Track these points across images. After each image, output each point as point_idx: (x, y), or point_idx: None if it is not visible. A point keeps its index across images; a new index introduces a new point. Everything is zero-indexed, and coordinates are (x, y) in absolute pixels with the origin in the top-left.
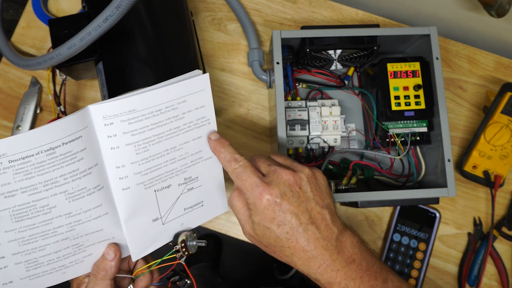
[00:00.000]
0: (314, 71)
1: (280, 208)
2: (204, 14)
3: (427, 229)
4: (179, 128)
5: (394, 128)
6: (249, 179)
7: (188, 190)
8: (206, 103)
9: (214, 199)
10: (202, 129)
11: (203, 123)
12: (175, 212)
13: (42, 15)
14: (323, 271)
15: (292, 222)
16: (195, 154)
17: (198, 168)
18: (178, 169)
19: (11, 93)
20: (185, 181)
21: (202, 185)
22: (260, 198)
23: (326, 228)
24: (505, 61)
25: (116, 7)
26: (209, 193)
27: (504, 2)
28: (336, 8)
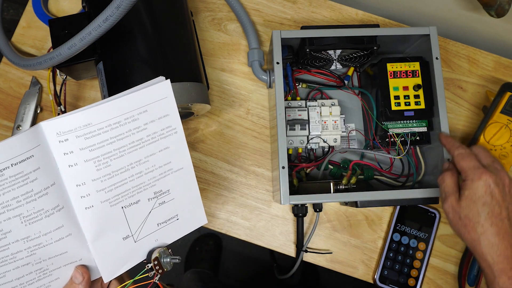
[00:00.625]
0: (314, 71)
1: (491, 192)
2: (204, 14)
3: (427, 228)
4: (142, 140)
5: (394, 128)
6: (472, 162)
7: (160, 204)
8: (170, 112)
9: (190, 211)
10: (168, 139)
11: (169, 133)
12: (147, 228)
13: (43, 15)
14: (500, 259)
15: (495, 208)
16: (163, 166)
17: (169, 180)
18: (146, 183)
19: (12, 93)
20: (156, 195)
21: (175, 198)
22: (479, 177)
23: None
24: (504, 61)
25: (116, 7)
26: (184, 206)
27: (503, 2)
28: (336, 8)
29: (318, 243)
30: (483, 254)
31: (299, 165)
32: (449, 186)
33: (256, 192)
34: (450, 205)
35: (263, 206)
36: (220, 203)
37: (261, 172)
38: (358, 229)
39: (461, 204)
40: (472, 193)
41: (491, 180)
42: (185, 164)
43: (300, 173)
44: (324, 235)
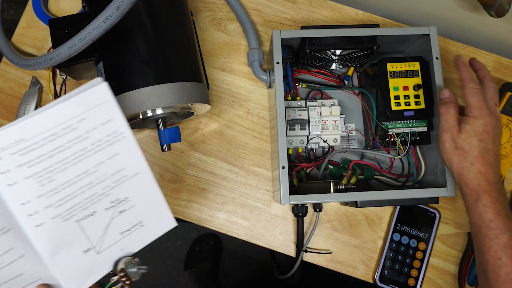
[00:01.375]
0: (314, 71)
1: (488, 132)
2: (204, 14)
3: (426, 228)
4: (86, 150)
5: (393, 128)
6: (480, 101)
7: (120, 213)
8: (113, 116)
9: (155, 216)
10: (116, 145)
11: (116, 139)
12: (110, 238)
13: (43, 15)
14: (485, 183)
15: (488, 145)
16: (116, 174)
17: (125, 187)
18: (100, 193)
19: (12, 93)
20: (113, 204)
21: (136, 204)
22: (483, 117)
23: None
24: (504, 61)
25: (116, 7)
26: (147, 211)
27: (503, 2)
28: (336, 8)
29: (318, 243)
30: (470, 180)
31: (299, 165)
32: (453, 118)
33: (256, 192)
34: (450, 135)
35: (263, 206)
36: (220, 203)
37: (261, 172)
38: (358, 229)
39: (460, 136)
40: (473, 128)
41: (491, 122)
42: (141, 168)
43: (300, 173)
44: (324, 235)
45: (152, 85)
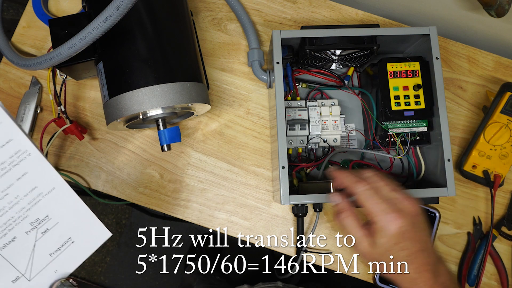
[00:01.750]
0: (314, 71)
1: (403, 234)
2: (204, 14)
3: None
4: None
5: (393, 128)
6: (379, 204)
7: (43, 233)
8: (13, 136)
9: (85, 230)
10: (23, 164)
11: (20, 158)
12: (39, 262)
13: (43, 15)
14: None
15: (409, 247)
16: (29, 194)
17: (43, 205)
18: (16, 217)
19: (12, 93)
20: (34, 226)
21: (59, 221)
22: (391, 222)
23: (431, 255)
24: (504, 61)
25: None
26: (74, 225)
27: (503, 2)
28: (336, 8)
29: (318, 243)
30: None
31: (299, 165)
32: (356, 231)
33: (256, 192)
34: (364, 250)
35: (263, 206)
36: (220, 203)
37: (261, 172)
38: None
39: (377, 251)
40: (386, 241)
41: (402, 222)
42: (56, 183)
43: (300, 173)
44: (324, 235)
45: (152, 85)
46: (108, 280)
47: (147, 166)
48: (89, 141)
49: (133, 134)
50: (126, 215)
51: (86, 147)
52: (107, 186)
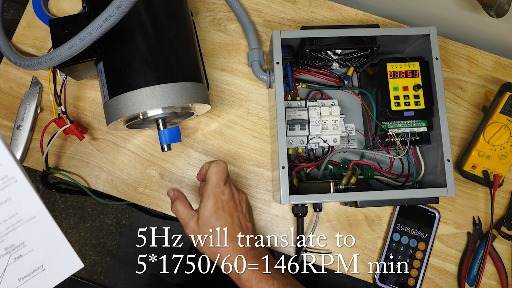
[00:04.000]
0: (314, 71)
1: (223, 207)
2: (204, 14)
3: (426, 228)
4: None
5: (393, 128)
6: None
7: (16, 258)
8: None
9: (58, 258)
10: (7, 190)
11: (6, 184)
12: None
13: (43, 15)
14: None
15: (227, 220)
16: (9, 219)
17: (21, 232)
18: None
19: (12, 93)
20: (8, 251)
21: (34, 248)
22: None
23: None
24: (504, 61)
25: (117, 7)
26: (48, 254)
27: (503, 2)
28: (336, 8)
29: (318, 243)
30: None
31: (299, 165)
32: (184, 213)
33: (256, 192)
34: (191, 228)
35: (263, 206)
36: None
37: (261, 172)
38: (358, 229)
39: (201, 226)
40: (206, 215)
41: (223, 197)
42: (37, 211)
43: (300, 173)
44: (324, 235)
45: (152, 85)
46: (108, 280)
47: (147, 166)
48: (89, 141)
49: (133, 134)
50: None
51: (86, 147)
52: (107, 186)
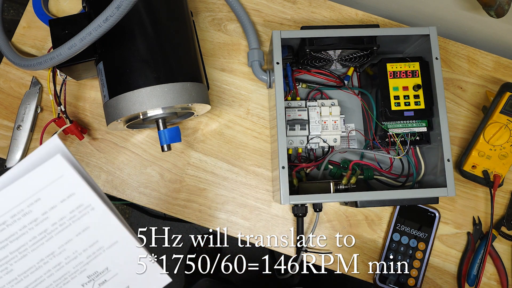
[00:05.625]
0: (314, 71)
1: None
2: (204, 14)
3: (426, 228)
4: (47, 232)
5: (393, 128)
6: None
7: (100, 284)
8: (75, 189)
9: (144, 277)
10: (84, 219)
11: (82, 213)
12: None
13: (43, 15)
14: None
15: None
16: (89, 249)
17: (102, 259)
18: (72, 271)
19: (12, 93)
20: (91, 278)
21: (119, 272)
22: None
23: None
24: (504, 61)
25: (117, 7)
26: (134, 274)
27: (503, 3)
28: (335, 8)
29: (318, 243)
30: None
31: (299, 165)
32: None
33: (256, 192)
34: None
35: (263, 206)
36: (220, 203)
37: (261, 172)
38: (358, 229)
39: None
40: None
41: None
42: (119, 236)
43: (300, 173)
44: (324, 235)
45: (152, 85)
46: None
47: (147, 166)
48: (89, 141)
49: (133, 134)
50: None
51: (86, 147)
52: (107, 186)
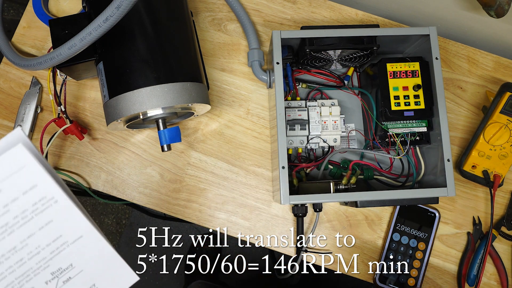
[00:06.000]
0: (314, 71)
1: None
2: (204, 14)
3: (426, 228)
4: (8, 225)
5: (393, 128)
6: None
7: (65, 282)
8: (37, 181)
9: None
10: (47, 212)
11: (45, 206)
12: None
13: (43, 15)
14: None
15: None
16: (52, 243)
17: (67, 255)
18: (35, 267)
19: (12, 93)
20: (55, 275)
21: (84, 269)
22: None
23: None
24: (504, 61)
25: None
26: (100, 272)
27: (503, 3)
28: (336, 8)
29: (318, 243)
30: None
31: (299, 165)
32: None
33: (256, 192)
34: None
35: (263, 206)
36: (220, 203)
37: (261, 172)
38: (358, 229)
39: None
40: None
41: None
42: (83, 231)
43: (300, 173)
44: (324, 235)
45: (152, 85)
46: None
47: (147, 166)
48: (89, 141)
49: (133, 134)
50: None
51: (86, 147)
52: (107, 186)
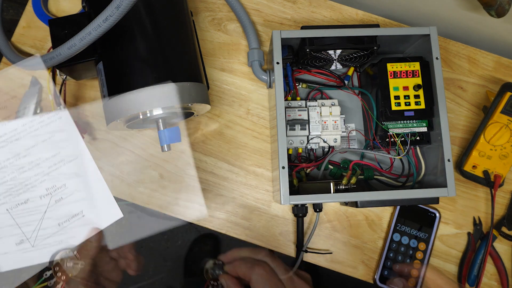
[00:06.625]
0: (314, 71)
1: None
2: (204, 14)
3: (427, 228)
4: (17, 131)
5: (394, 128)
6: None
7: (57, 201)
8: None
9: (99, 206)
10: (51, 126)
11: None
12: (46, 229)
13: (42, 15)
14: None
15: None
16: (51, 158)
17: (62, 173)
18: (33, 178)
19: (11, 93)
20: (49, 192)
21: (75, 192)
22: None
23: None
24: (504, 61)
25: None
26: (89, 200)
27: (503, 2)
28: (336, 8)
29: (318, 243)
30: None
31: (299, 165)
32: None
33: (256, 192)
34: None
35: (263, 206)
36: (220, 203)
37: (261, 172)
38: (358, 229)
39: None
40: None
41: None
42: (80, 152)
43: (300, 173)
44: (324, 235)
45: (152, 85)
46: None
47: (147, 166)
48: (89, 141)
49: (133, 134)
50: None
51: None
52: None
